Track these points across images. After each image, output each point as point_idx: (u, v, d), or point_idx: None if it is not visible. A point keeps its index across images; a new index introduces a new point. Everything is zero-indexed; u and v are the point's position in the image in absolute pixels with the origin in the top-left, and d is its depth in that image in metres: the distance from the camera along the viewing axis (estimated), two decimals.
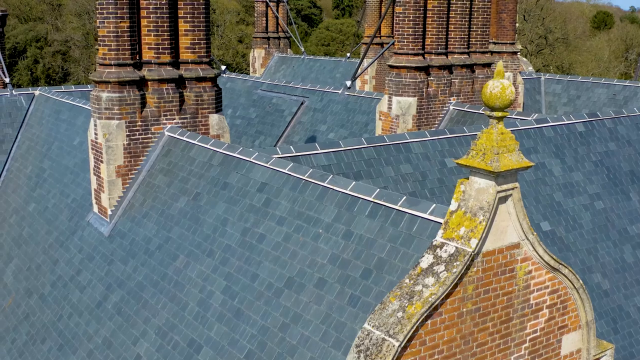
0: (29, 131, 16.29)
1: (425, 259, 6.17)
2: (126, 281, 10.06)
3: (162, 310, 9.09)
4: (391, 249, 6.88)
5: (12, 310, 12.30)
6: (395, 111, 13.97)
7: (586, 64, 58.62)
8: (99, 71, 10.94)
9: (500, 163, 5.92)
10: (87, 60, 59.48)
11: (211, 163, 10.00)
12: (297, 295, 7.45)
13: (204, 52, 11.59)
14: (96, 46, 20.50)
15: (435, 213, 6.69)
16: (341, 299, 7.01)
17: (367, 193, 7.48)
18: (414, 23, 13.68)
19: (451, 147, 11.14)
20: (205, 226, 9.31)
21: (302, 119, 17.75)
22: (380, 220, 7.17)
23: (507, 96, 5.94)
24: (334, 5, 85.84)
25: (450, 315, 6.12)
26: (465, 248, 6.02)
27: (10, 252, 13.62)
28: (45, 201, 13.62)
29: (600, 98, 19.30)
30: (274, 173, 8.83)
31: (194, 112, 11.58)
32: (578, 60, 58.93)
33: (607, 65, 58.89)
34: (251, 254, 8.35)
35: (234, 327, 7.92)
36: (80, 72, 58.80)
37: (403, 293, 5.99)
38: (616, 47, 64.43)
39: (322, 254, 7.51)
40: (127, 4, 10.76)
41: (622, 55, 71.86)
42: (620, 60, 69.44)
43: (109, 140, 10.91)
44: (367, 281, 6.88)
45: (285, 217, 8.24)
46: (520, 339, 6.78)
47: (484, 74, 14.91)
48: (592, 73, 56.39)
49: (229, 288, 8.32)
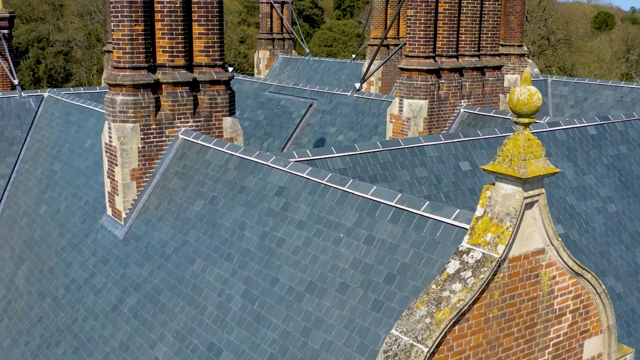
0: (38, 133, 16.29)
1: (451, 265, 6.19)
2: (142, 284, 10.06)
3: (180, 313, 9.09)
4: (415, 254, 6.89)
5: (25, 313, 12.31)
6: (407, 114, 13.98)
7: (588, 65, 58.68)
8: (114, 74, 10.95)
9: (528, 169, 5.93)
10: (89, 60, 59.50)
11: (227, 166, 10.01)
12: (319, 300, 7.46)
13: (218, 55, 11.60)
14: (104, 48, 20.55)
15: (460, 218, 6.70)
16: (364, 304, 7.02)
17: (388, 198, 7.49)
18: (425, 26, 13.70)
19: (465, 150, 11.16)
20: (223, 230, 9.32)
21: (310, 121, 17.76)
22: (403, 225, 7.18)
23: (534, 102, 5.95)
24: (335, 5, 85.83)
25: (477, 321, 6.13)
26: (492, 254, 6.04)
27: (22, 255, 13.62)
28: (57, 203, 13.63)
29: (608, 100, 19.32)
30: (292, 177, 8.84)
31: (207, 115, 11.59)
32: (580, 61, 58.96)
33: (609, 66, 58.91)
34: (270, 257, 8.36)
35: (254, 331, 7.93)
36: (82, 72, 58.79)
37: (430, 299, 6.00)
38: (618, 48, 64.45)
39: (343, 259, 7.52)
40: (141, 7, 10.77)
41: (623, 56, 71.95)
42: (621, 61, 69.52)
43: (124, 143, 10.92)
44: (391, 286, 6.89)
45: (305, 221, 8.25)
46: (544, 344, 6.80)
47: (494, 77, 14.92)
48: (594, 74, 56.42)
49: (249, 292, 8.33)
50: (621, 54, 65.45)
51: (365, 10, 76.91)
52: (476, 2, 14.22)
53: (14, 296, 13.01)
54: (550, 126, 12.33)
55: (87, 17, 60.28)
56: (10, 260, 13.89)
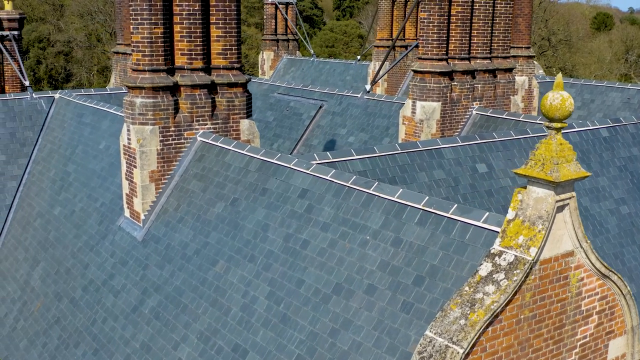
0: (50, 134, 16.35)
1: (483, 267, 6.27)
2: (163, 286, 10.13)
3: (203, 315, 9.17)
4: (444, 257, 6.98)
5: (42, 314, 12.36)
6: (420, 116, 14.07)
7: (589, 66, 58.85)
8: (133, 77, 11.02)
9: (560, 173, 6.02)
10: (90, 61, 59.49)
11: (248, 169, 10.09)
12: (347, 302, 7.54)
13: (235, 58, 11.68)
14: (113, 49, 20.58)
15: (489, 221, 6.79)
16: (393, 306, 7.10)
17: (415, 200, 7.57)
18: (438, 29, 13.79)
19: (482, 152, 11.25)
20: (245, 232, 9.40)
21: (320, 122, 17.84)
22: (431, 228, 7.27)
23: (566, 108, 6.04)
24: (335, 6, 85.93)
25: (509, 322, 6.22)
26: (525, 256, 6.13)
27: (37, 256, 13.68)
28: (72, 205, 13.69)
29: (615, 102, 19.43)
30: (315, 179, 8.92)
31: (225, 118, 11.66)
32: (581, 62, 59.14)
33: (610, 67, 59.08)
34: (295, 259, 8.44)
35: (280, 333, 8.00)
36: (83, 72, 58.80)
37: (464, 301, 6.09)
38: (617, 48, 64.63)
39: (370, 261, 7.60)
40: (161, 10, 10.84)
41: (622, 57, 72.14)
42: (621, 62, 69.71)
43: (143, 145, 10.99)
44: (420, 288, 6.98)
45: (330, 224, 8.33)
46: (571, 345, 6.89)
47: (505, 79, 15.02)
48: (594, 75, 56.59)
49: (274, 293, 8.41)
50: (620, 55, 65.61)
51: (365, 11, 77.04)
52: (488, 5, 14.31)
53: (29, 297, 13.06)
54: (564, 128, 12.40)
55: (87, 18, 60.29)
56: (25, 261, 13.95)
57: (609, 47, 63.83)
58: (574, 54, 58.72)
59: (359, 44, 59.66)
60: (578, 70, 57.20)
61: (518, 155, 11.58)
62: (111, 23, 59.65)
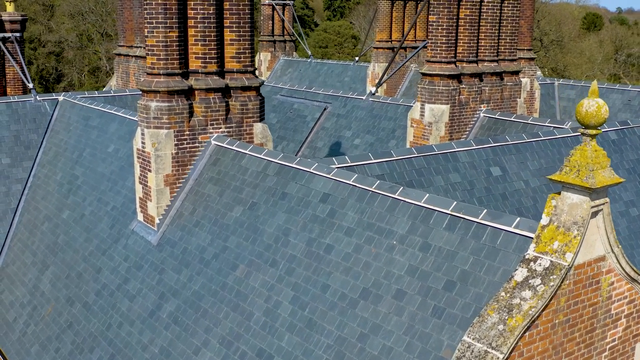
0: (55, 137, 16.27)
1: (519, 272, 6.32)
2: (181, 290, 10.12)
3: (224, 319, 9.16)
4: (475, 262, 7.02)
5: (53, 318, 12.31)
6: (428, 118, 14.12)
7: (580, 66, 59.25)
8: (147, 80, 10.99)
9: (596, 179, 6.08)
10: (81, 61, 59.19)
11: (266, 173, 10.09)
12: (375, 306, 7.56)
13: (249, 62, 11.68)
14: (115, 51, 20.50)
15: (521, 226, 6.84)
16: (423, 311, 7.13)
17: (443, 205, 7.61)
18: (447, 32, 13.84)
19: (495, 155, 11.31)
20: (266, 236, 9.40)
21: (325, 124, 17.86)
22: (460, 233, 7.30)
23: (602, 115, 6.10)
24: (325, 6, 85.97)
25: (544, 327, 6.27)
26: (561, 262, 6.18)
27: (46, 260, 13.62)
28: (81, 208, 13.63)
29: (615, 104, 19.58)
30: (337, 184, 8.94)
31: (239, 121, 11.66)
32: (572, 63, 59.51)
33: (601, 67, 59.51)
34: (319, 264, 8.45)
35: (307, 337, 8.02)
36: (74, 73, 58.49)
37: (501, 306, 6.13)
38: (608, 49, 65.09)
39: (398, 266, 7.63)
40: (176, 13, 10.83)
41: (612, 57, 72.69)
42: (610, 62, 70.23)
43: (158, 149, 10.96)
44: (451, 293, 7.01)
45: (354, 228, 8.35)
46: (601, 348, 6.95)
47: (512, 82, 15.10)
48: (585, 75, 56.95)
49: (298, 298, 8.42)
50: (610, 55, 66.09)
51: (356, 11, 77.12)
52: (496, 8, 14.38)
53: (39, 302, 13.00)
54: (573, 131, 12.52)
55: (78, 18, 59.98)
56: (33, 265, 13.88)
57: (600, 48, 64.27)
58: (566, 55, 59.11)
59: (353, 45, 59.77)
60: (570, 71, 57.58)
61: (530, 158, 11.65)
62: (102, 23, 59.43)
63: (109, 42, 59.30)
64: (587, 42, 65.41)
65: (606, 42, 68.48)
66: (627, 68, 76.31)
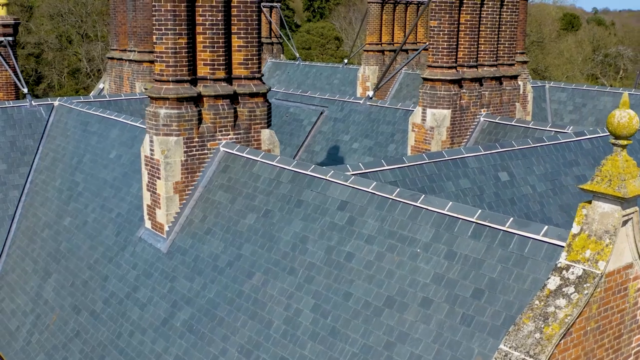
0: (52, 143, 16.12)
1: (552, 281, 6.40)
2: (194, 298, 10.08)
3: (242, 328, 9.15)
4: (503, 270, 7.09)
5: (59, 327, 12.20)
6: (430, 123, 14.21)
7: (561, 67, 59.91)
8: (156, 87, 10.94)
9: (628, 189, 6.18)
10: (61, 63, 58.59)
11: (280, 180, 10.09)
12: (401, 314, 7.61)
13: (257, 68, 11.67)
14: (107, 55, 20.32)
15: (549, 234, 6.92)
16: (452, 318, 7.19)
17: (468, 214, 7.67)
18: (448, 37, 13.94)
19: (503, 161, 11.42)
20: (282, 243, 9.40)
21: (322, 128, 17.89)
22: (487, 241, 7.37)
23: (633, 126, 6.20)
24: (305, 7, 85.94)
25: (577, 334, 6.36)
26: (594, 270, 6.27)
27: (48, 267, 13.48)
28: (84, 215, 13.52)
29: (607, 106, 19.85)
30: (355, 191, 8.97)
31: (247, 128, 11.65)
32: (553, 64, 60.15)
33: (581, 67, 60.22)
34: (340, 272, 8.48)
35: (330, 346, 8.04)
36: (54, 75, 57.88)
37: (536, 314, 6.21)
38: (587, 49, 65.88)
39: (423, 274, 7.68)
40: (185, 20, 10.79)
41: (590, 57, 73.59)
42: (588, 62, 71.09)
43: (168, 156, 10.92)
44: (480, 301, 7.08)
45: (375, 236, 8.39)
46: (627, 353, 7.07)
47: (511, 86, 15.25)
48: (566, 76, 57.60)
49: (319, 306, 8.44)
50: (589, 55, 66.91)
51: (337, 12, 77.24)
52: (495, 13, 14.52)
53: (42, 310, 12.87)
54: (576, 136, 12.68)
55: (58, 19, 59.36)
56: (34, 273, 13.74)
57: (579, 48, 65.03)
58: (546, 56, 59.72)
59: (336, 46, 59.85)
60: (550, 71, 58.21)
61: (536, 163, 11.79)
62: (82, 24, 58.89)
63: (89, 44, 58.80)
64: (566, 43, 66.16)
65: (584, 43, 69.31)
66: (605, 68, 77.36)
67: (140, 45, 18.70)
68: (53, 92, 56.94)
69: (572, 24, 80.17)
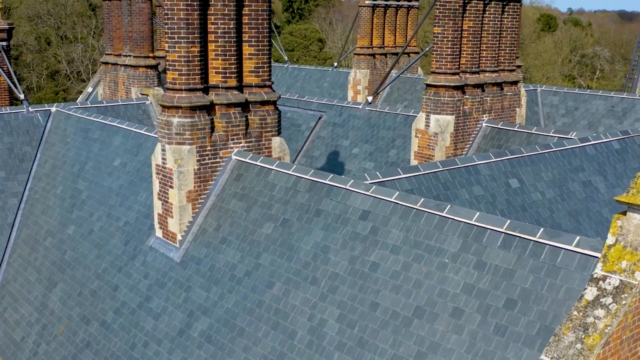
0: (50, 149, 15.95)
1: (589, 291, 6.50)
2: (212, 308, 10.06)
3: (264, 338, 9.15)
4: (535, 280, 7.17)
5: (67, 337, 12.09)
6: (434, 129, 14.31)
7: (541, 68, 60.53)
8: (169, 96, 10.89)
9: None
10: (40, 65, 57.92)
11: (297, 189, 10.10)
12: (431, 324, 7.66)
13: (267, 76, 11.67)
14: (101, 59, 20.09)
15: (582, 245, 7.02)
16: (484, 329, 7.26)
17: (496, 224, 7.75)
18: (452, 43, 14.05)
19: (512, 168, 11.54)
20: (302, 253, 9.42)
21: (321, 133, 17.91)
22: (517, 252, 7.46)
23: None
24: (284, 8, 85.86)
25: (615, 344, 6.46)
26: (631, 281, 6.38)
27: (53, 277, 13.35)
28: (89, 224, 13.41)
29: (599, 110, 20.12)
30: (377, 201, 9.01)
31: (258, 136, 11.64)
32: (534, 65, 60.76)
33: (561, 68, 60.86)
34: (365, 282, 8.51)
35: (359, 356, 8.07)
36: (33, 77, 57.20)
37: (575, 325, 6.30)
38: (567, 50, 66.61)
39: (453, 284, 7.74)
40: (197, 28, 10.76)
41: (567, 58, 74.44)
42: (566, 62, 71.89)
43: (181, 165, 10.88)
44: (513, 311, 7.16)
45: (400, 246, 8.43)
46: None
47: (512, 92, 15.41)
48: (546, 77, 58.20)
49: (345, 316, 8.46)
50: (566, 56, 67.66)
51: (316, 13, 77.26)
52: (497, 20, 14.66)
53: (49, 320, 12.74)
54: (581, 142, 12.85)
55: (36, 20, 58.67)
56: (38, 282, 13.60)
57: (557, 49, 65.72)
58: (526, 57, 60.31)
59: (319, 48, 59.88)
60: (531, 73, 58.78)
61: (544, 169, 11.92)
62: (62, 26, 58.27)
63: (68, 45, 58.21)
64: (544, 45, 66.84)
65: (562, 44, 70.09)
66: (582, 69, 78.31)
67: (137, 50, 18.57)
68: (32, 94, 56.27)
69: (549, 24, 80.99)
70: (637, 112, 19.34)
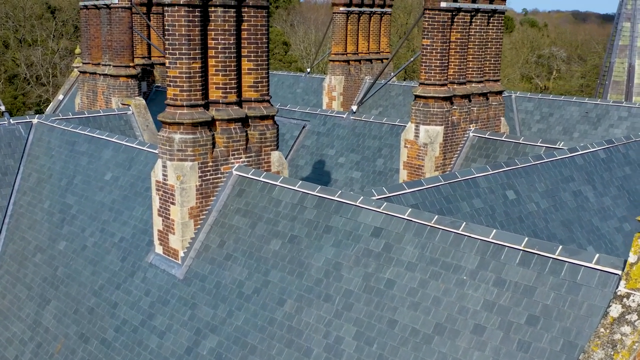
0: (34, 162, 15.68)
1: (613, 309, 6.72)
2: (220, 326, 10.04)
3: (277, 355, 9.18)
4: (556, 297, 7.37)
5: (65, 356, 11.92)
6: (423, 139, 14.50)
7: (503, 70, 61.52)
8: (170, 112, 10.84)
9: None
10: None
11: (304, 205, 10.15)
12: (453, 341, 7.81)
13: (266, 90, 11.71)
14: (79, 69, 19.80)
15: (602, 262, 7.24)
16: (508, 345, 7.43)
17: (514, 241, 7.93)
18: (441, 55, 14.26)
19: (508, 179, 11.79)
20: (313, 270, 9.47)
21: (305, 142, 17.97)
22: (536, 269, 7.64)
23: None
24: None
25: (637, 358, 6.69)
26: None
27: (45, 294, 13.14)
28: (82, 240, 13.23)
29: (573, 116, 20.61)
30: (389, 218, 9.12)
31: (258, 150, 11.66)
32: None
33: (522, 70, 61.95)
34: (381, 299, 8.61)
35: None
36: None
37: (603, 342, 6.51)
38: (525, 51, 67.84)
39: (472, 301, 7.90)
40: (199, 44, 10.73)
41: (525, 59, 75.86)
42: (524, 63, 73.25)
43: (183, 182, 10.83)
44: (536, 327, 7.34)
45: (416, 263, 8.56)
46: None
47: (497, 101, 15.70)
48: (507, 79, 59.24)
49: (362, 334, 8.55)
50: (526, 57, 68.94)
51: (277, 14, 77.19)
52: (483, 31, 14.93)
53: (43, 338, 12.55)
54: (570, 152, 13.18)
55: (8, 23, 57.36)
56: (29, 299, 13.37)
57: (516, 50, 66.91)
58: None
59: (284, 51, 59.85)
60: None
61: (537, 180, 12.20)
62: (20, 29, 57.07)
63: (27, 49, 57.05)
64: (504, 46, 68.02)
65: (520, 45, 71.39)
66: (538, 69, 79.88)
67: (117, 59, 18.36)
68: None
69: (507, 26, 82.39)
70: (610, 118, 19.87)
